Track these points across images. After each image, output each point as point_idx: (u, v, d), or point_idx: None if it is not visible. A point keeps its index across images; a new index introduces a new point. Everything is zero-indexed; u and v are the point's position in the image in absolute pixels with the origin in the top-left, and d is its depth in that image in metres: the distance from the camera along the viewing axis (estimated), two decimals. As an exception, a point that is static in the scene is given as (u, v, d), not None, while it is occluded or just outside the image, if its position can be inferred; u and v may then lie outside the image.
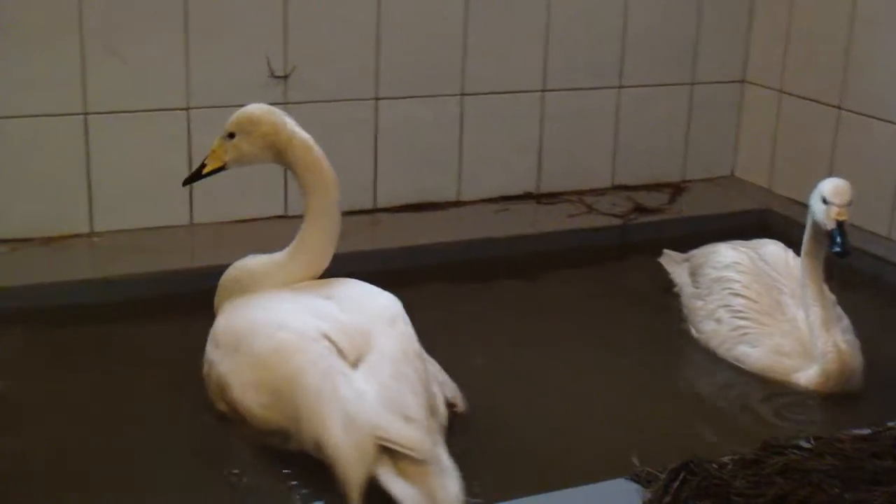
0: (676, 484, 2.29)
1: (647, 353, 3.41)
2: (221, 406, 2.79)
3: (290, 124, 3.03)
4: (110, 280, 3.51)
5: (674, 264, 3.75)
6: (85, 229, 3.79)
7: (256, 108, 3.03)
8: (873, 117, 4.13)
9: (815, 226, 3.13)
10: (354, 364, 2.64)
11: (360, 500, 2.39)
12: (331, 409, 2.49)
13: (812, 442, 2.52)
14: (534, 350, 3.40)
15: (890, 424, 2.61)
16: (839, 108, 4.27)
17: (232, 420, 2.76)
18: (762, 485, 2.30)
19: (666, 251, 3.81)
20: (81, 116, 3.75)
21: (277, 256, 3.08)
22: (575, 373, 3.26)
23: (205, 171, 3.09)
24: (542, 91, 4.38)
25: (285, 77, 3.96)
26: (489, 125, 4.32)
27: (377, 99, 4.12)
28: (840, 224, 3.05)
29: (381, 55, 4.08)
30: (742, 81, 4.72)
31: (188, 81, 3.86)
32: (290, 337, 2.69)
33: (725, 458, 2.43)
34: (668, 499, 2.24)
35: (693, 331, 3.45)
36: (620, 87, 4.51)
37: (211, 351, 2.86)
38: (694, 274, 3.56)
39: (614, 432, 2.89)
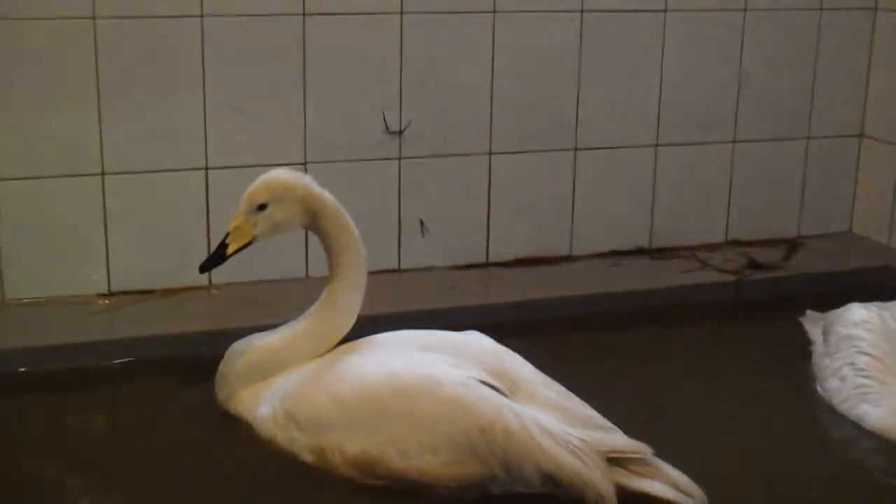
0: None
1: (768, 409, 3.34)
2: (370, 480, 2.69)
3: (317, 185, 2.99)
4: (224, 332, 3.56)
5: (812, 323, 3.68)
6: (204, 282, 3.87)
7: (285, 174, 2.96)
8: None
9: None
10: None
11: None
12: (548, 443, 2.58)
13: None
14: (653, 403, 3.36)
15: None
16: (962, 163, 4.18)
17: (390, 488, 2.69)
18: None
19: (809, 312, 3.72)
20: (203, 171, 3.84)
21: (299, 327, 3.00)
22: (696, 426, 3.20)
23: (229, 251, 2.99)
24: (655, 146, 4.36)
25: (400, 132, 4.01)
26: (602, 179, 4.32)
27: (490, 153, 4.15)
28: None
29: (494, 110, 4.11)
30: (860, 136, 4.64)
31: (305, 137, 3.92)
32: (456, 389, 2.67)
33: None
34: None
35: (819, 388, 3.38)
36: (735, 141, 4.47)
37: (317, 432, 2.74)
38: (826, 332, 3.52)
39: (735, 486, 2.83)
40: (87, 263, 3.78)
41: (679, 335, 3.93)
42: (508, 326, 3.78)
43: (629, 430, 3.07)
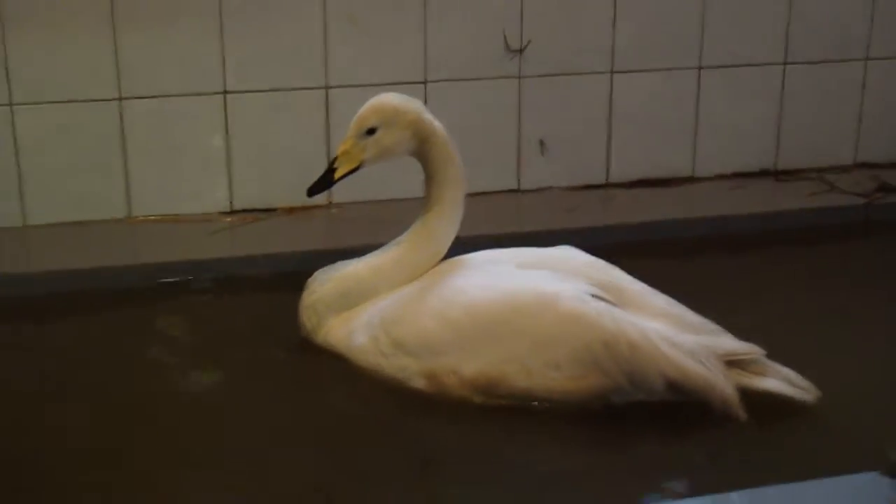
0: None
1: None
2: (489, 400, 2.69)
3: (428, 112, 2.93)
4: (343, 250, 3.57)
5: None
6: (324, 201, 3.89)
7: (396, 98, 2.91)
8: None
9: None
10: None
11: (742, 410, 2.61)
12: (671, 351, 2.61)
13: None
14: (770, 330, 3.27)
15: None
16: None
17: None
18: None
19: None
20: (323, 91, 3.84)
21: (389, 254, 2.96)
22: (829, 354, 3.11)
23: (337, 175, 2.94)
24: (784, 64, 4.22)
25: (521, 51, 3.95)
26: (726, 99, 4.20)
27: (612, 72, 4.07)
28: None
29: (616, 28, 4.02)
30: None
31: (426, 55, 3.89)
32: (575, 304, 2.66)
33: None
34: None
35: None
36: (867, 58, 4.31)
37: (429, 357, 2.73)
38: None
39: (861, 422, 2.74)
40: (210, 182, 3.83)
41: (806, 258, 3.82)
42: (628, 248, 3.74)
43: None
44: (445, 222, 2.95)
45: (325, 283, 2.97)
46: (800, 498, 2.24)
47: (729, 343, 2.72)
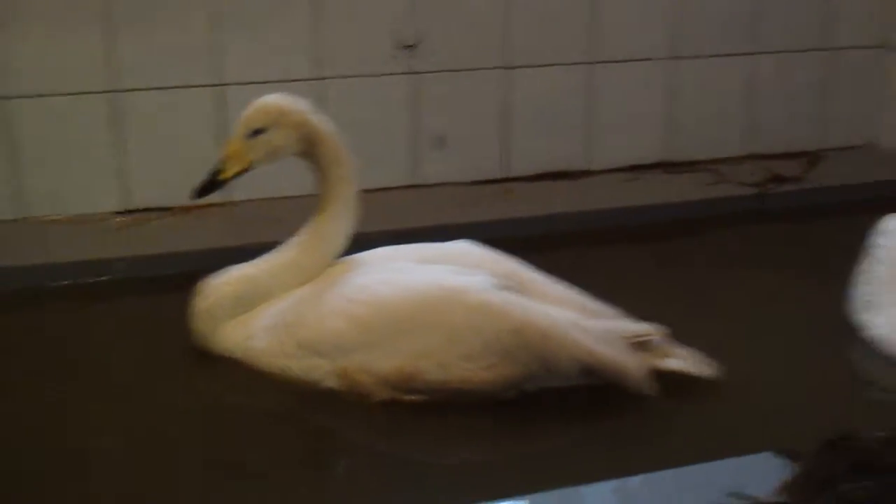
0: (826, 459, 2.22)
1: (796, 322, 3.31)
2: (404, 396, 2.69)
3: (314, 112, 2.90)
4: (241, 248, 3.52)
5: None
6: (222, 199, 3.83)
7: (281, 99, 2.87)
8: None
9: None
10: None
11: (652, 387, 2.69)
12: (580, 335, 2.67)
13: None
14: (669, 317, 3.33)
15: None
16: None
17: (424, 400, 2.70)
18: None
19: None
20: (218, 88, 3.81)
21: (282, 257, 2.93)
22: (715, 339, 3.17)
23: (223, 176, 2.88)
24: (673, 58, 4.29)
25: (413, 47, 3.95)
26: (619, 93, 4.26)
27: (507, 67, 4.09)
28: None
29: (510, 24, 4.05)
30: (883, 47, 4.55)
31: (320, 52, 3.87)
32: (483, 296, 2.68)
33: (876, 434, 2.35)
34: (820, 473, 2.18)
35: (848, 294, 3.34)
36: (755, 53, 4.40)
37: (339, 356, 2.71)
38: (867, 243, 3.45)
39: (758, 402, 2.80)
40: (103, 181, 3.76)
41: (701, 247, 3.89)
42: (527, 240, 3.76)
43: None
44: (339, 222, 2.94)
45: (219, 287, 2.92)
46: (701, 478, 2.27)
47: (632, 325, 2.80)
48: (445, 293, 2.70)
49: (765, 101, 4.46)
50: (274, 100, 2.87)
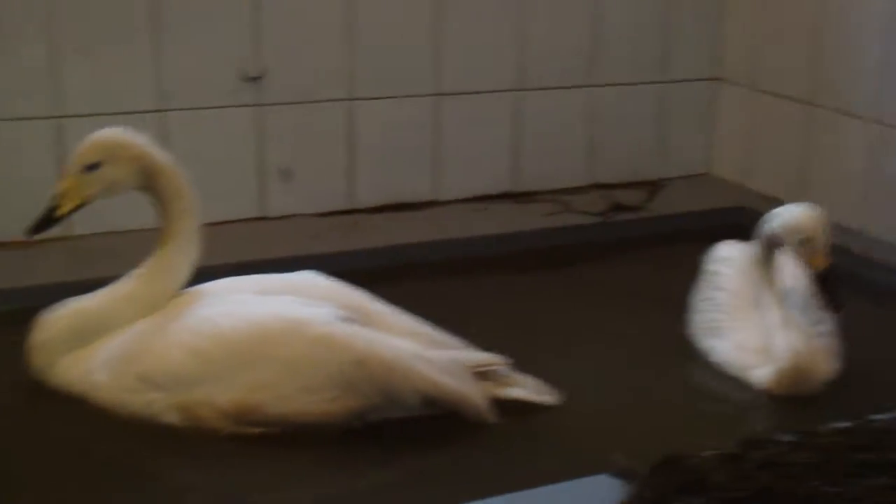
0: (658, 480, 2.28)
1: (635, 347, 3.40)
2: (245, 429, 2.67)
3: (153, 145, 2.87)
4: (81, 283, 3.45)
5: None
6: (62, 233, 3.75)
7: (117, 133, 2.83)
8: (844, 113, 4.15)
9: (769, 239, 3.10)
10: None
11: (495, 416, 2.76)
12: (423, 366, 2.69)
13: (792, 436, 2.52)
14: (516, 348, 3.37)
15: (871, 418, 2.61)
16: (811, 104, 4.29)
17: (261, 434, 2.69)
18: (743, 479, 2.30)
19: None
20: (55, 120, 3.74)
21: (122, 290, 2.88)
22: (559, 367, 3.24)
23: (59, 212, 2.83)
24: (517, 90, 4.38)
25: (258, 79, 3.95)
26: (465, 125, 4.32)
27: (352, 100, 4.11)
28: (828, 271, 3.02)
29: (354, 56, 4.07)
30: (716, 79, 4.73)
31: (161, 84, 3.84)
32: (325, 327, 2.69)
33: (707, 454, 2.43)
34: (649, 494, 2.24)
35: (689, 320, 3.44)
36: (594, 85, 4.52)
37: (179, 390, 2.67)
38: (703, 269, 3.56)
39: (598, 427, 2.89)
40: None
41: (547, 277, 3.97)
42: (374, 272, 3.78)
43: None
44: (181, 255, 2.90)
45: (56, 320, 2.86)
46: (540, 502, 2.30)
47: (475, 355, 2.86)
48: (287, 325, 2.69)
49: (607, 131, 4.58)
50: (109, 134, 2.82)
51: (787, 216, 3.07)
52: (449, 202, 4.34)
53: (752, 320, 3.20)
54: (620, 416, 2.97)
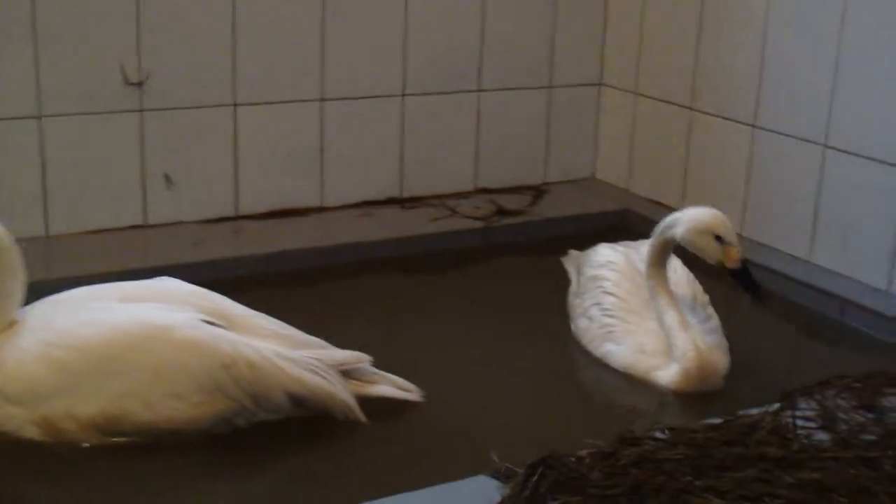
0: (535, 479, 2.31)
1: (518, 351, 3.44)
2: (112, 439, 2.64)
3: None
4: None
5: (571, 263, 3.76)
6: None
7: None
8: (723, 117, 4.26)
9: (662, 244, 3.17)
10: None
11: (363, 415, 2.80)
12: (290, 367, 2.71)
13: (666, 433, 2.57)
14: (400, 350, 3.41)
15: (740, 413, 2.68)
16: (691, 109, 4.39)
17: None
18: (617, 476, 2.34)
19: (571, 251, 3.81)
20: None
21: None
22: (442, 371, 3.27)
23: None
24: (402, 95, 4.39)
25: (140, 84, 3.90)
26: (350, 130, 4.32)
27: (236, 105, 4.09)
28: (745, 263, 3.12)
29: (237, 61, 4.05)
30: (599, 84, 4.81)
31: (39, 89, 3.76)
32: (190, 332, 2.67)
33: (583, 452, 2.47)
34: (526, 493, 2.27)
35: (572, 327, 3.48)
36: (480, 90, 4.56)
37: (38, 403, 2.60)
38: (578, 272, 3.59)
39: (477, 429, 2.91)
40: None
41: (431, 282, 4.00)
42: (260, 279, 3.77)
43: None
44: (10, 284, 2.74)
45: None
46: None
47: (339, 354, 2.88)
48: (151, 331, 2.67)
49: (492, 136, 4.62)
50: None
51: (696, 218, 3.13)
52: (335, 208, 4.33)
53: (645, 323, 3.27)
54: (500, 417, 3.01)
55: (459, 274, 4.08)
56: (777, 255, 4.01)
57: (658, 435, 2.56)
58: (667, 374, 3.16)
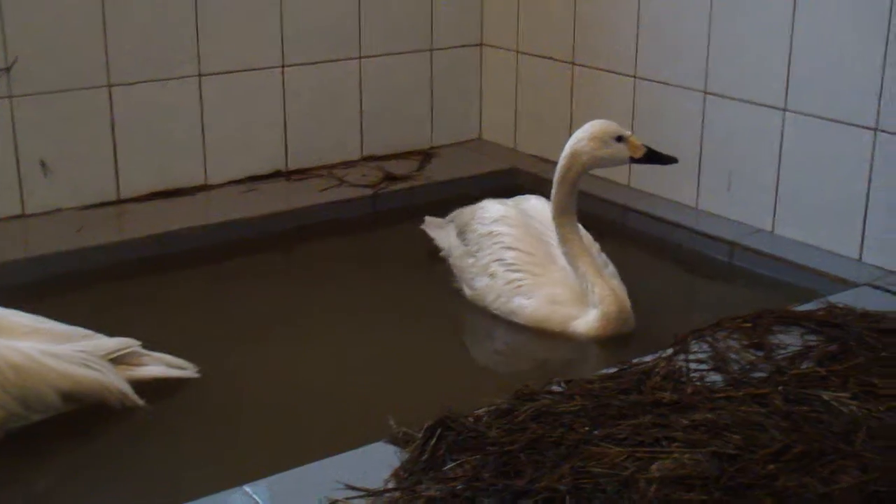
0: (433, 441, 2.30)
1: (415, 316, 3.43)
2: None
3: None
4: None
5: (436, 229, 3.75)
6: None
7: None
8: (605, 70, 4.27)
9: (569, 181, 3.17)
10: None
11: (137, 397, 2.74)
12: (57, 363, 2.62)
13: (563, 385, 2.58)
14: (296, 324, 3.38)
15: (634, 361, 2.70)
16: (573, 63, 4.40)
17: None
18: (516, 432, 2.34)
19: (427, 218, 3.81)
20: None
21: None
22: (340, 342, 3.25)
23: None
24: (282, 66, 4.32)
25: (7, 69, 3.77)
26: (231, 105, 4.24)
27: (110, 86, 3.98)
28: (647, 147, 3.16)
29: (109, 40, 3.93)
30: (480, 45, 4.79)
31: None
32: None
33: (481, 411, 2.46)
34: (425, 456, 2.26)
35: (465, 289, 3.45)
36: (361, 57, 4.50)
37: None
38: (462, 233, 3.55)
39: (385, 397, 2.89)
40: None
41: (321, 253, 3.96)
42: (146, 261, 3.70)
43: (261, 350, 3.18)
44: None
45: None
46: (316, 475, 2.29)
47: (107, 342, 2.81)
48: None
49: (376, 103, 4.58)
50: None
51: (592, 134, 3.15)
52: (220, 185, 4.25)
53: (552, 274, 3.26)
54: (398, 383, 2.99)
55: (350, 243, 4.05)
56: (665, 204, 4.05)
57: (555, 388, 2.57)
58: (585, 322, 3.16)
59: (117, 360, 2.78)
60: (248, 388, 2.94)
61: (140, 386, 2.78)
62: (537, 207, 3.51)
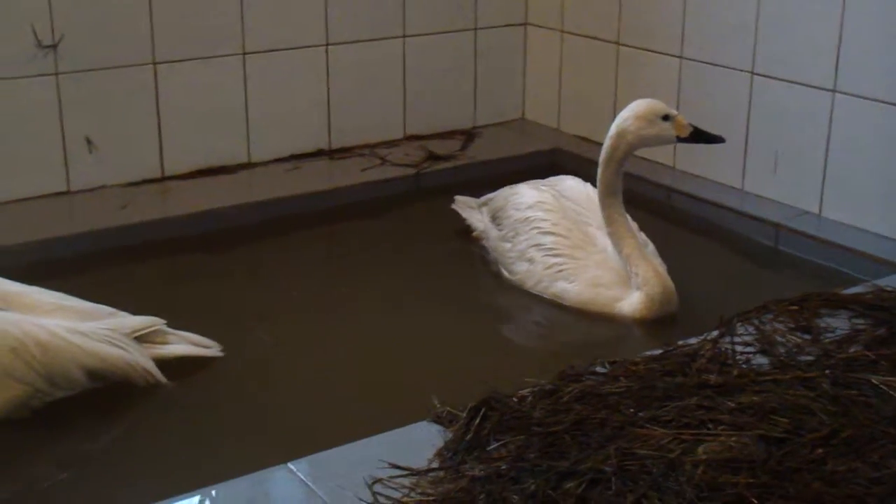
0: (477, 421, 2.30)
1: (457, 297, 3.42)
2: None
3: None
4: None
5: (468, 210, 3.74)
6: None
7: None
8: (650, 50, 4.24)
9: (615, 161, 3.14)
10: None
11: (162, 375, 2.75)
12: (83, 341, 2.62)
13: (608, 367, 2.57)
14: (335, 303, 3.38)
15: (680, 343, 2.68)
16: (617, 43, 4.36)
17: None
18: (560, 412, 2.33)
19: (458, 197, 3.81)
20: None
21: None
22: (381, 322, 3.25)
23: None
24: (326, 45, 4.32)
25: (54, 47, 3.79)
26: (274, 83, 4.24)
27: (155, 63, 3.99)
28: (693, 127, 3.14)
29: (154, 18, 3.94)
30: (524, 24, 4.76)
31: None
32: None
33: (525, 391, 2.45)
34: (469, 436, 2.25)
35: (505, 273, 3.45)
36: (405, 36, 4.49)
37: None
38: (496, 217, 3.55)
39: (427, 377, 2.87)
40: None
41: (364, 232, 3.95)
42: (190, 239, 3.71)
43: (305, 328, 3.18)
44: None
45: None
46: (358, 454, 2.29)
47: (132, 320, 2.80)
48: None
49: (419, 82, 4.56)
50: None
51: (638, 113, 3.13)
52: (263, 163, 4.26)
53: (593, 257, 3.25)
54: (439, 363, 2.98)
55: (391, 223, 4.04)
56: (710, 185, 4.02)
57: (599, 369, 2.56)
58: (630, 304, 3.15)
59: (142, 339, 2.78)
60: (287, 366, 2.95)
61: (164, 364, 2.79)
62: (574, 189, 3.50)
